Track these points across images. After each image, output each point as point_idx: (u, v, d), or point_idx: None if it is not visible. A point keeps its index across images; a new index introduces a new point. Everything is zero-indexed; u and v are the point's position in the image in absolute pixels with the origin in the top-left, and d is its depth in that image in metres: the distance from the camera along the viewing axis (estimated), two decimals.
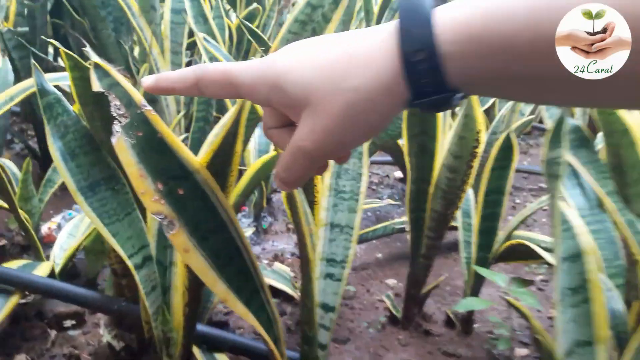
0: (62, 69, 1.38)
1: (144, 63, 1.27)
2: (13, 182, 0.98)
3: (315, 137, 0.36)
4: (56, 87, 0.71)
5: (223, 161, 0.60)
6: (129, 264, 0.67)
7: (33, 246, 0.93)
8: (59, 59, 1.45)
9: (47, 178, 1.05)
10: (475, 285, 0.95)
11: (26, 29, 1.31)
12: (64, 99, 0.66)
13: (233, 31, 1.38)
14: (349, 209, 0.70)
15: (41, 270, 0.83)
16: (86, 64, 0.58)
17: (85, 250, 0.96)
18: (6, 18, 1.46)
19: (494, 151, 0.87)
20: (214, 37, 1.18)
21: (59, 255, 0.93)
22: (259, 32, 0.90)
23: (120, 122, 0.54)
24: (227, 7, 1.58)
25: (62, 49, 0.56)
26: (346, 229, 0.70)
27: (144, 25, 1.24)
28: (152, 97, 1.30)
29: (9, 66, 1.32)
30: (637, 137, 0.64)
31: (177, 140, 0.55)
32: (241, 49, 1.53)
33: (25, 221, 0.89)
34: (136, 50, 1.53)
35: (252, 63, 0.39)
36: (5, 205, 0.93)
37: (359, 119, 0.35)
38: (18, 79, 1.33)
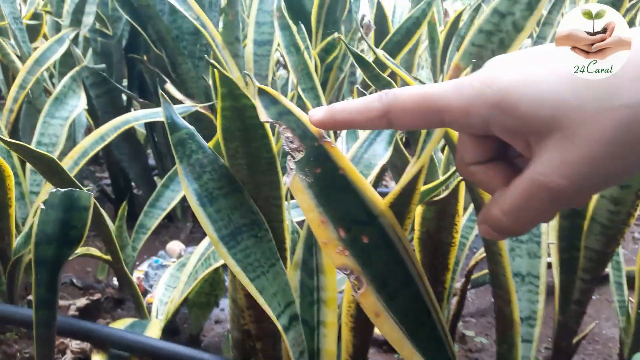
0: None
1: None
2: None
3: (569, 171, 0.27)
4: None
5: (404, 201, 0.50)
6: (278, 325, 0.56)
7: (135, 301, 0.83)
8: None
9: (139, 224, 0.96)
10: (638, 333, 0.82)
11: (103, 65, 1.26)
12: (197, 134, 0.57)
13: (317, 61, 1.31)
14: (528, 254, 0.59)
15: (152, 331, 0.73)
16: (243, 92, 0.49)
17: (189, 304, 0.87)
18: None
19: None
20: (307, 67, 1.10)
21: (160, 311, 0.84)
22: (364, 57, 0.81)
23: (294, 157, 0.44)
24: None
25: (217, 71, 0.47)
26: (529, 277, 0.59)
27: (228, 57, 1.17)
28: None
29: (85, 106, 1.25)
30: None
31: (361, 178, 0.45)
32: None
33: (128, 274, 0.80)
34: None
35: (457, 82, 0.31)
36: (104, 257, 0.85)
37: (637, 145, 0.26)
38: (95, 117, 1.27)
